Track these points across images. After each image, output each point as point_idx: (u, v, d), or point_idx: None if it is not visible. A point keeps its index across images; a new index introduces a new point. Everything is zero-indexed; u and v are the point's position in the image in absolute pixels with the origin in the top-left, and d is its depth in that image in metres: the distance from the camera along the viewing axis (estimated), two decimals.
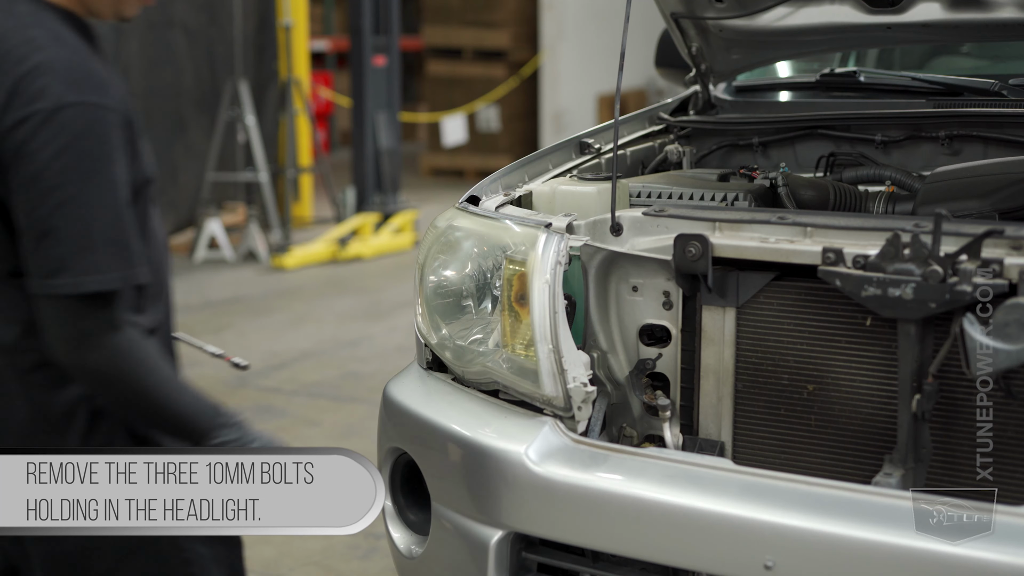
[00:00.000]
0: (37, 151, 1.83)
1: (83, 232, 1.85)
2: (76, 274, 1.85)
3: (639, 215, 2.49)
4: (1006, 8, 2.85)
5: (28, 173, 1.84)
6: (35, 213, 1.85)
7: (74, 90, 1.85)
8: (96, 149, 1.86)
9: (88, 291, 1.85)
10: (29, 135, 1.84)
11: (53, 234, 1.84)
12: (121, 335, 1.91)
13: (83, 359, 1.90)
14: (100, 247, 1.86)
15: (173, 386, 1.98)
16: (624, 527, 2.21)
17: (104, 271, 1.86)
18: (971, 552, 1.95)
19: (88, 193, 1.85)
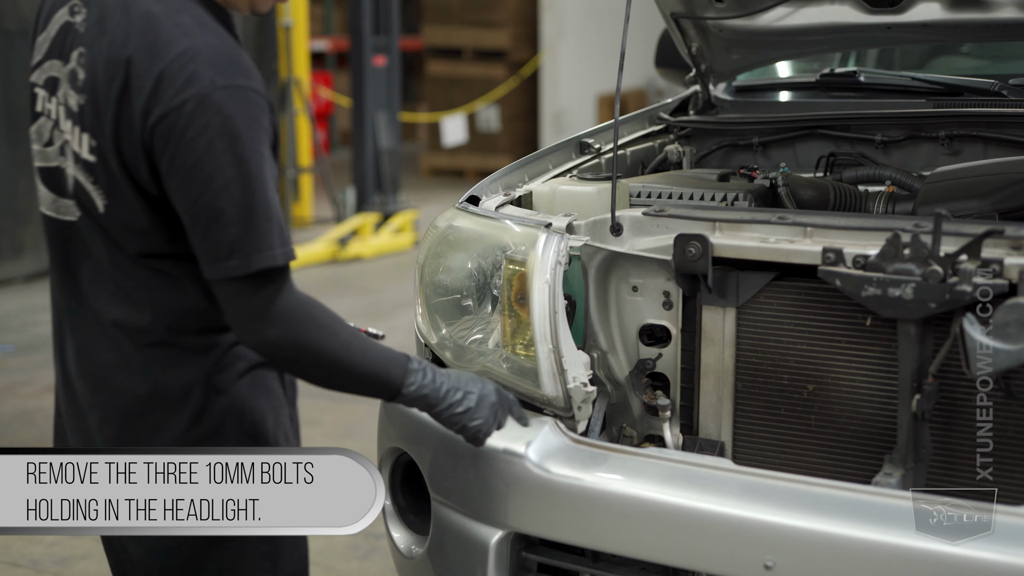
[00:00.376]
0: (194, 138, 1.85)
1: (246, 213, 1.87)
2: (245, 255, 1.87)
3: (639, 215, 2.49)
4: (1006, 8, 2.85)
5: (188, 161, 1.86)
6: (201, 200, 1.87)
7: (223, 74, 1.87)
8: (249, 130, 1.87)
9: (257, 269, 1.87)
10: (185, 123, 1.85)
11: (219, 218, 1.86)
12: (294, 306, 1.92)
13: (264, 335, 1.92)
14: (262, 226, 1.87)
15: (357, 345, 1.99)
16: (624, 527, 2.21)
17: (268, 249, 1.88)
18: (971, 552, 1.95)
19: (247, 174, 1.86)
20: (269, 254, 1.88)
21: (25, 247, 7.61)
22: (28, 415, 5.23)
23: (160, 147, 1.88)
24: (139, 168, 1.91)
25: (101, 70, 1.93)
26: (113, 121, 1.91)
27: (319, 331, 1.94)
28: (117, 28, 1.93)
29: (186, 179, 1.87)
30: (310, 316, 1.94)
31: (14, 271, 7.53)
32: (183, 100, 1.85)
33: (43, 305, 6.98)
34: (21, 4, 7.50)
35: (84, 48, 1.97)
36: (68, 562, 3.89)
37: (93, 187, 1.97)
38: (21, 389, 5.56)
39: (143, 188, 1.93)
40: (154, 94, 1.87)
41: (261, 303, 1.90)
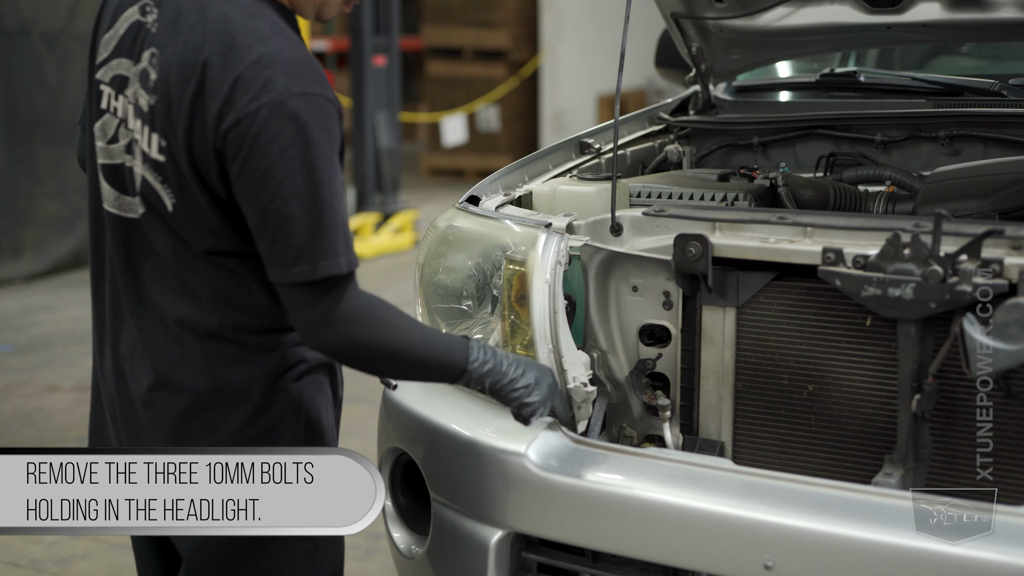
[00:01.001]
0: (267, 144, 1.87)
1: (315, 220, 1.89)
2: (311, 261, 1.89)
3: (639, 215, 2.49)
4: (1006, 8, 2.85)
5: (260, 167, 1.88)
6: (271, 206, 1.88)
7: (297, 81, 1.89)
8: (321, 138, 1.89)
9: (324, 276, 1.90)
10: (260, 128, 1.87)
11: (288, 224, 1.88)
12: (358, 309, 1.95)
13: (329, 338, 1.94)
14: (330, 233, 1.90)
15: (419, 336, 2.03)
16: (624, 527, 2.21)
17: (334, 256, 1.90)
18: (971, 552, 1.95)
19: (317, 182, 1.88)
20: (335, 261, 1.90)
21: (25, 247, 7.61)
22: (28, 415, 5.23)
23: (232, 152, 1.89)
24: (209, 171, 1.93)
25: (175, 72, 1.93)
26: (186, 123, 1.92)
27: (383, 329, 1.97)
28: (192, 30, 1.94)
29: (257, 184, 1.89)
30: (374, 315, 1.97)
31: (14, 271, 7.53)
32: (258, 106, 1.87)
33: (43, 305, 6.98)
34: (21, 4, 7.50)
35: (156, 49, 1.97)
36: (68, 562, 3.89)
37: (162, 186, 1.98)
38: (21, 389, 5.56)
39: (212, 190, 1.95)
40: (229, 99, 1.88)
41: (326, 308, 1.92)
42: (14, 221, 7.55)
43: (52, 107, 7.61)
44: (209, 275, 2.01)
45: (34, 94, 7.53)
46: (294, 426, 2.07)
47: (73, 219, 7.76)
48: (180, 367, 2.03)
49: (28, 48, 7.53)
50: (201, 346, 2.02)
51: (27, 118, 7.47)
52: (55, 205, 7.70)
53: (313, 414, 2.09)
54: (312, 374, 2.09)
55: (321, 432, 2.10)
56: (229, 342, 2.02)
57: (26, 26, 7.53)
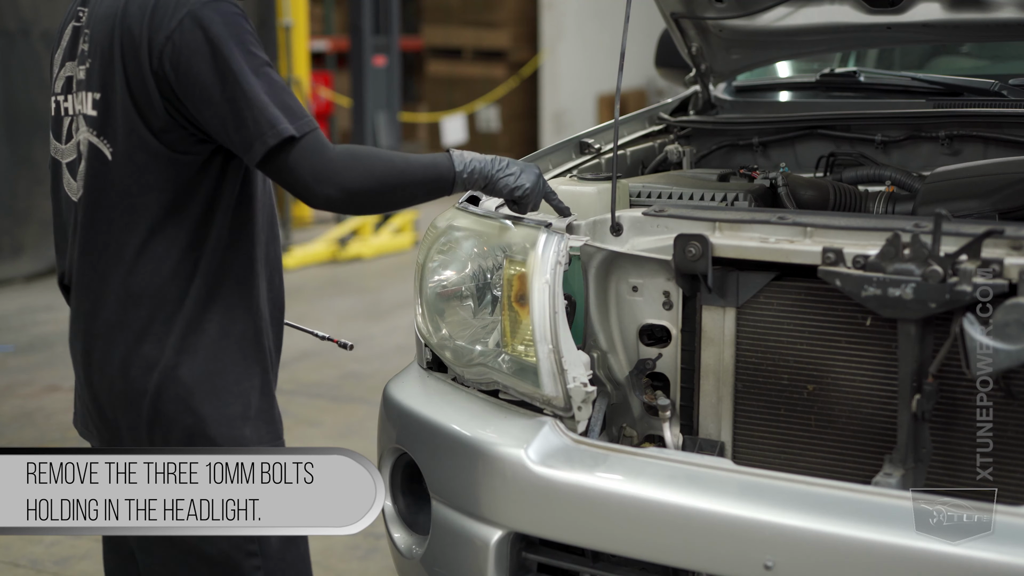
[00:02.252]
0: (194, 53, 2.08)
1: (254, 101, 2.07)
2: (276, 127, 2.07)
3: (639, 215, 2.48)
4: (1006, 8, 2.85)
5: (194, 73, 2.08)
6: (219, 108, 2.08)
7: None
8: (241, 34, 2.10)
9: (277, 142, 2.07)
10: (184, 41, 2.08)
11: (237, 114, 2.08)
12: (336, 159, 2.11)
13: (326, 193, 2.11)
14: (268, 108, 2.08)
15: (402, 160, 2.20)
16: (624, 527, 2.21)
17: (276, 124, 2.07)
18: (971, 552, 1.95)
19: (242, 70, 2.08)
20: (280, 127, 2.06)
21: (25, 247, 7.62)
22: (28, 415, 5.23)
23: (171, 69, 2.09)
24: (150, 96, 2.11)
25: (101, 30, 2.16)
26: (120, 64, 2.13)
27: (367, 164, 2.14)
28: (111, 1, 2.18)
29: (200, 90, 2.08)
30: (353, 155, 2.13)
31: (14, 271, 7.53)
32: (178, 21, 2.08)
33: (43, 305, 6.98)
34: (21, 4, 7.50)
35: (88, 31, 2.20)
36: (68, 562, 3.89)
37: (99, 139, 2.18)
38: (21, 389, 5.56)
39: (151, 119, 2.12)
40: (151, 23, 2.10)
41: (304, 169, 2.09)
42: (14, 221, 7.55)
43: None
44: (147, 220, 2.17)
45: (34, 94, 7.53)
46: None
47: None
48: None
49: (28, 48, 7.53)
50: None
51: (27, 118, 7.47)
52: None
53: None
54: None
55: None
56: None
57: (26, 26, 7.53)
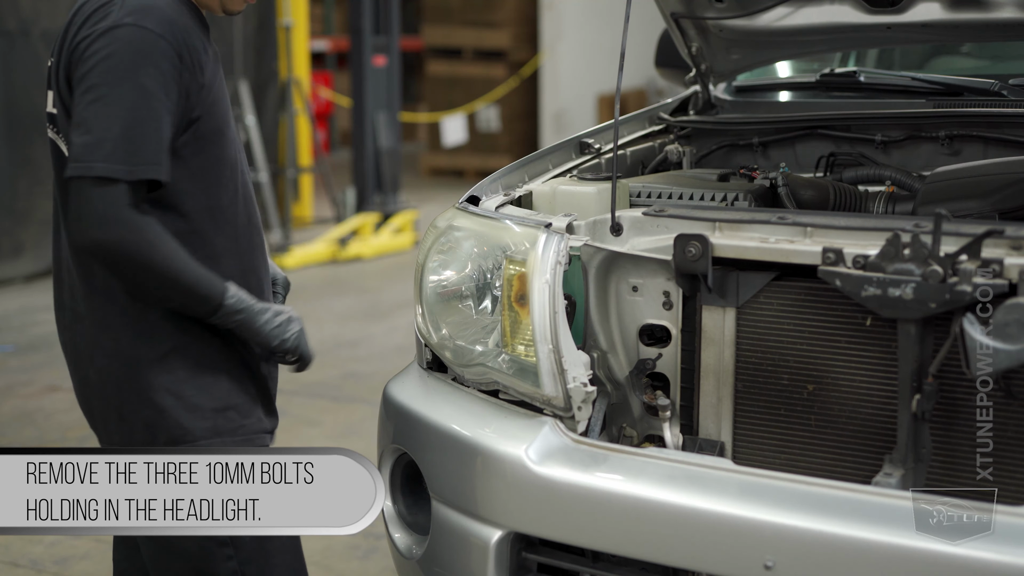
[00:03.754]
0: (89, 58, 2.15)
1: (104, 126, 2.10)
2: (90, 160, 2.09)
3: (639, 215, 2.49)
4: (1006, 8, 2.85)
5: (79, 75, 2.15)
6: (76, 108, 2.15)
7: (133, 15, 2.15)
8: (135, 60, 2.12)
9: (95, 175, 2.09)
10: (89, 44, 2.15)
11: (83, 125, 2.12)
12: (131, 219, 2.11)
13: (93, 236, 2.11)
14: (116, 140, 2.09)
15: (181, 260, 2.18)
16: (624, 527, 2.21)
17: (112, 160, 2.09)
18: (971, 552, 1.95)
19: (117, 94, 2.11)
20: (112, 166, 2.08)
21: (25, 247, 7.61)
22: (28, 415, 5.23)
23: (73, 68, 2.18)
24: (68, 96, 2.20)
25: (63, 31, 2.25)
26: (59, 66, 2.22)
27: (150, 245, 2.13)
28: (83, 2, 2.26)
29: (77, 87, 2.15)
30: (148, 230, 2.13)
31: (14, 271, 7.53)
32: (94, 30, 2.16)
33: (43, 305, 6.98)
34: (21, 4, 7.50)
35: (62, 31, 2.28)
36: (68, 562, 3.89)
37: (57, 136, 2.26)
38: (21, 389, 5.56)
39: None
40: (78, 30, 2.19)
41: (101, 207, 2.10)
42: (14, 221, 7.55)
43: None
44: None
45: (34, 94, 7.53)
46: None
47: None
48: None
49: (28, 48, 7.53)
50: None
51: (27, 118, 7.47)
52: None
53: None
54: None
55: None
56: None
57: (26, 26, 7.52)
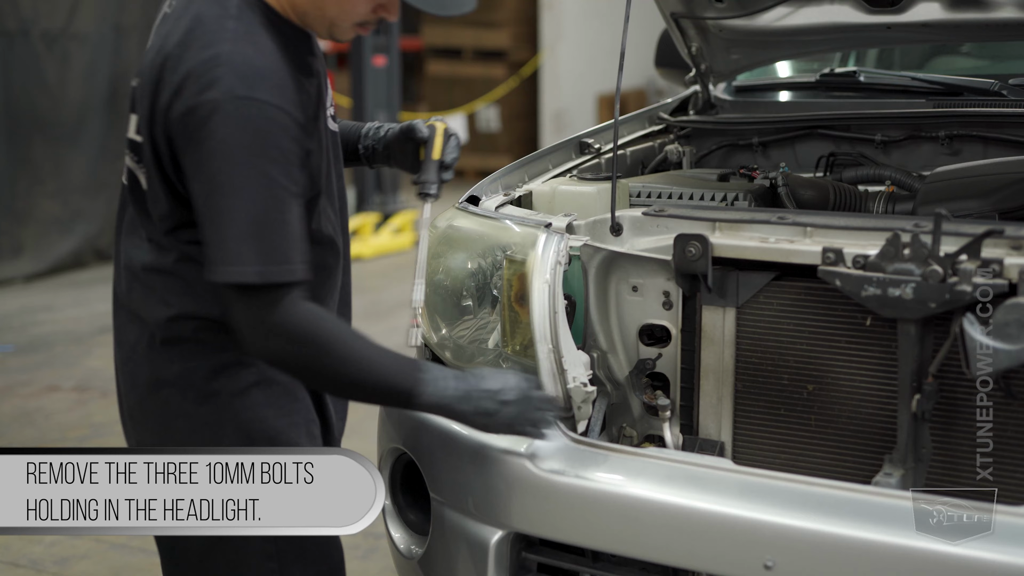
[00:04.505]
0: (204, 140, 1.90)
1: (228, 223, 1.90)
2: (222, 264, 1.91)
3: (639, 215, 2.48)
4: (1006, 8, 2.85)
5: (196, 160, 1.92)
6: (199, 199, 1.93)
7: (245, 84, 1.90)
8: (255, 143, 1.90)
9: (230, 281, 1.91)
10: (199, 123, 1.90)
11: (208, 221, 1.92)
12: (283, 324, 1.93)
13: (256, 349, 1.96)
14: (242, 240, 1.89)
15: (365, 353, 2.00)
16: (624, 527, 2.21)
17: (243, 263, 1.89)
18: (971, 552, 1.95)
19: (238, 186, 1.89)
20: (245, 269, 1.90)
21: (25, 247, 7.61)
22: (28, 415, 5.23)
23: (181, 143, 1.94)
24: (164, 156, 1.99)
25: (150, 61, 2.01)
26: (149, 109, 1.99)
27: (323, 345, 1.95)
28: (174, 23, 2.01)
29: (194, 176, 1.93)
30: (316, 326, 1.95)
31: (14, 271, 7.53)
32: (200, 102, 1.90)
33: (43, 305, 6.98)
34: (21, 4, 7.49)
35: (153, 37, 2.07)
36: (68, 562, 3.89)
37: (137, 166, 2.06)
38: (21, 389, 5.56)
39: (167, 174, 2.00)
40: (178, 91, 1.93)
41: (250, 316, 1.93)
42: (14, 221, 7.55)
43: (52, 107, 7.60)
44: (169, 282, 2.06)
45: (34, 94, 7.53)
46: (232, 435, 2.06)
47: (73, 219, 7.76)
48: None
49: (28, 48, 7.53)
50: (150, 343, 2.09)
51: (27, 118, 7.47)
52: (55, 205, 7.70)
53: (259, 429, 2.06)
54: (262, 388, 2.07)
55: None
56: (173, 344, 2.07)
57: (26, 26, 7.52)
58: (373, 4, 2.05)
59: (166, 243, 2.06)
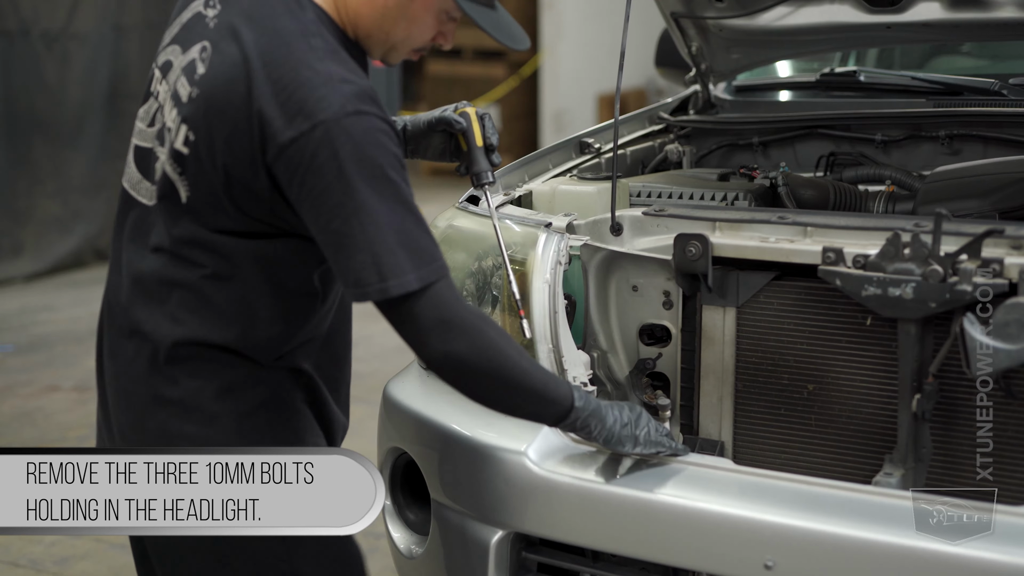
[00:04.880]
0: (323, 165, 1.84)
1: (375, 240, 1.85)
2: (380, 280, 1.85)
3: (639, 215, 2.48)
4: (1006, 7, 2.85)
5: (318, 188, 1.85)
6: (330, 226, 1.86)
7: (352, 101, 1.86)
8: (379, 156, 1.86)
9: (393, 295, 1.86)
10: (315, 149, 1.84)
11: (349, 244, 1.85)
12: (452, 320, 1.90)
13: (430, 354, 1.92)
14: (394, 251, 1.85)
15: (526, 360, 1.98)
16: (624, 527, 2.21)
17: (400, 274, 1.86)
18: (971, 552, 1.95)
19: (373, 200, 1.85)
20: (402, 280, 1.86)
21: (25, 247, 7.61)
22: (28, 415, 5.23)
23: (289, 171, 1.87)
24: (253, 185, 1.91)
25: (223, 73, 1.92)
26: (230, 127, 1.90)
27: (483, 344, 1.93)
28: (248, 35, 1.92)
29: (315, 204, 1.87)
30: (474, 328, 1.92)
31: (14, 271, 7.53)
32: (313, 125, 1.84)
33: (43, 305, 6.98)
34: (21, 4, 7.49)
35: (209, 44, 1.96)
36: (68, 562, 3.89)
37: (179, 178, 1.97)
38: (21, 389, 5.56)
39: (240, 195, 1.93)
40: (283, 115, 1.86)
41: (416, 324, 1.89)
42: (14, 221, 7.55)
43: (52, 107, 7.60)
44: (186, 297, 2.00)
45: (34, 94, 7.53)
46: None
47: (73, 219, 7.76)
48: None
49: (28, 48, 7.53)
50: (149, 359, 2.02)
51: (27, 118, 7.47)
52: (55, 205, 7.70)
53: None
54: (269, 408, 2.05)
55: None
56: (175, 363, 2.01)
57: (26, 26, 7.52)
58: (436, 31, 2.05)
59: (197, 256, 1.98)
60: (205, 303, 1.99)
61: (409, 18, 2.02)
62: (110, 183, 7.66)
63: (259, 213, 1.95)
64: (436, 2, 2.03)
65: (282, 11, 1.94)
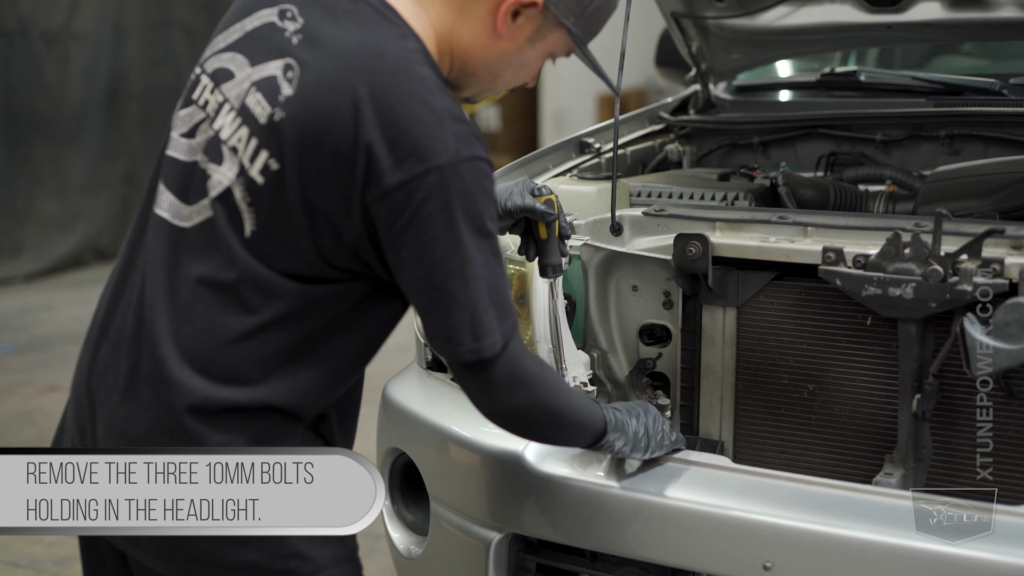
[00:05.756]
0: (433, 214, 1.71)
1: (474, 298, 1.76)
2: (475, 340, 1.77)
3: (639, 215, 2.48)
4: (1006, 7, 2.85)
5: (424, 237, 1.73)
6: (430, 279, 1.75)
7: (466, 145, 1.73)
8: (486, 208, 1.75)
9: (485, 357, 1.79)
10: (426, 196, 1.71)
11: (447, 300, 1.76)
12: (518, 375, 1.85)
13: (497, 410, 1.89)
14: (487, 310, 1.77)
15: (565, 391, 1.97)
16: (623, 527, 2.21)
17: (492, 334, 1.78)
18: (971, 552, 1.95)
19: (480, 257, 1.75)
20: (491, 341, 1.78)
21: (25, 247, 7.62)
22: (28, 415, 5.23)
23: (391, 216, 1.72)
24: (343, 224, 1.76)
25: (321, 98, 1.74)
26: (326, 159, 1.74)
27: (539, 390, 1.89)
28: (350, 60, 1.75)
29: (417, 253, 1.74)
30: (533, 376, 1.88)
31: (14, 271, 7.54)
32: (426, 170, 1.70)
33: (43, 305, 6.99)
34: (21, 4, 7.50)
35: (294, 62, 1.77)
36: (68, 562, 3.89)
37: (248, 208, 1.78)
38: (21, 389, 5.56)
39: (322, 232, 1.77)
40: (391, 155, 1.71)
41: (489, 383, 1.84)
42: (14, 221, 7.56)
43: (52, 107, 7.61)
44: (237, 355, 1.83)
45: (34, 94, 7.54)
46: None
47: (73, 219, 7.77)
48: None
49: (28, 48, 7.53)
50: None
51: (27, 118, 7.48)
52: (54, 205, 7.71)
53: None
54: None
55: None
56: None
57: (26, 26, 7.53)
58: (533, 73, 1.98)
59: (250, 298, 1.80)
60: (256, 357, 1.84)
61: (521, 63, 1.93)
62: (110, 183, 7.67)
63: (335, 256, 1.79)
64: (552, 47, 1.95)
65: (384, 35, 1.78)
